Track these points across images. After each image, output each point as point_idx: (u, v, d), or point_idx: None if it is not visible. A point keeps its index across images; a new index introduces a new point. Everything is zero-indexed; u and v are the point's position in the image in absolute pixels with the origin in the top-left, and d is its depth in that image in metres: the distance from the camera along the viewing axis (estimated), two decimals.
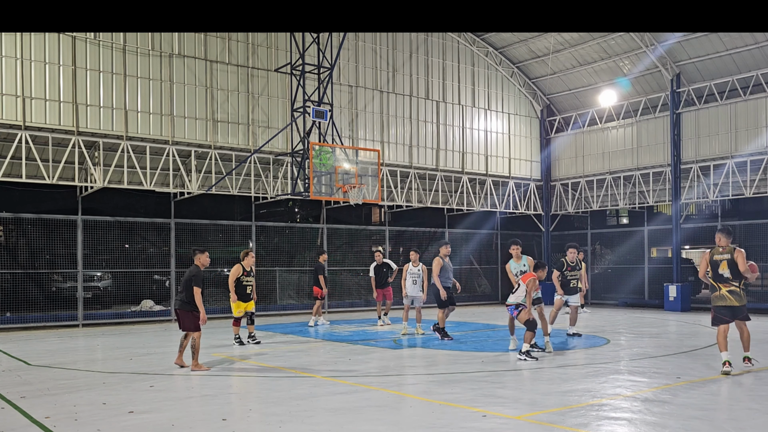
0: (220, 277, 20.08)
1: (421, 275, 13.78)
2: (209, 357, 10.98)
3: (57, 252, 17.27)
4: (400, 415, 6.64)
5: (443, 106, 22.78)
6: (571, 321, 13.09)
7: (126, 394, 7.82)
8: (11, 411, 6.93)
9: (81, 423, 6.38)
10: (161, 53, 17.28)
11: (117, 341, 13.49)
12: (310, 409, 6.89)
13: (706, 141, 20.87)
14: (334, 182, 17.82)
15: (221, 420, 6.46)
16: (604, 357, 10.67)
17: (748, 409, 6.84)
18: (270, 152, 18.84)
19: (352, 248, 22.80)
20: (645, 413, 6.63)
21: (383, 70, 21.47)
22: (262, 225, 20.34)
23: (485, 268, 25.68)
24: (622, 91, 22.94)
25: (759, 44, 19.08)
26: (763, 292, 20.99)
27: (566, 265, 12.90)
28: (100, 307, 18.31)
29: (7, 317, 16.29)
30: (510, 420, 6.37)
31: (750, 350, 9.37)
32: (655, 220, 24.34)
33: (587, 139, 24.22)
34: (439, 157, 22.49)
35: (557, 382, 8.42)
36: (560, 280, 12.86)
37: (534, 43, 22.99)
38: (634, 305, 22.82)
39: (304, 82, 18.54)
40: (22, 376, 9.12)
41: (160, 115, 17.20)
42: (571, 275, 12.87)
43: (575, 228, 26.65)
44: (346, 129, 20.37)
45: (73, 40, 16.04)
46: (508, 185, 24.23)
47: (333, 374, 9.12)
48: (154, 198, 19.48)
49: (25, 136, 15.33)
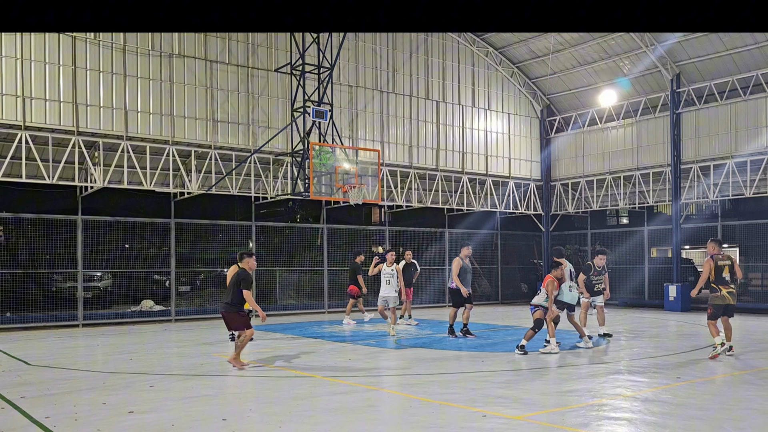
0: (220, 277, 20.09)
1: (395, 275, 13.98)
2: (209, 357, 10.99)
3: (57, 252, 17.27)
4: (400, 415, 6.64)
5: (443, 106, 22.78)
6: (600, 321, 13.27)
7: (126, 394, 7.82)
8: (11, 411, 6.93)
9: (81, 423, 6.38)
10: (161, 53, 17.29)
11: (117, 341, 13.49)
12: (310, 409, 6.90)
13: (706, 141, 20.87)
14: (334, 182, 17.82)
15: (221, 420, 6.46)
16: (604, 357, 10.67)
17: (748, 409, 6.84)
18: (270, 152, 18.84)
19: (352, 248, 22.78)
20: (645, 413, 6.63)
21: (383, 70, 21.47)
22: (262, 225, 20.34)
23: (485, 268, 25.68)
24: (622, 91, 22.94)
25: (759, 44, 19.08)
26: (763, 292, 20.99)
27: (593, 269, 13.21)
28: (100, 307, 18.30)
29: (7, 317, 16.28)
30: (510, 420, 6.37)
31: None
32: (655, 220, 24.34)
33: (587, 139, 24.22)
34: (439, 157, 22.49)
35: (557, 382, 8.42)
36: (585, 284, 13.14)
37: (534, 43, 22.99)
38: (634, 305, 22.82)
39: (304, 82, 18.54)
40: (22, 376, 9.12)
41: (160, 115, 17.20)
42: (597, 279, 13.20)
43: (575, 228, 26.65)
44: (346, 129, 20.37)
45: (73, 40, 16.04)
46: (508, 185, 24.23)
47: (333, 374, 9.12)
48: (154, 198, 19.46)
49: (25, 136, 15.33)
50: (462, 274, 13.06)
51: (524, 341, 10.85)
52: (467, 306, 13.22)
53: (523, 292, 26.61)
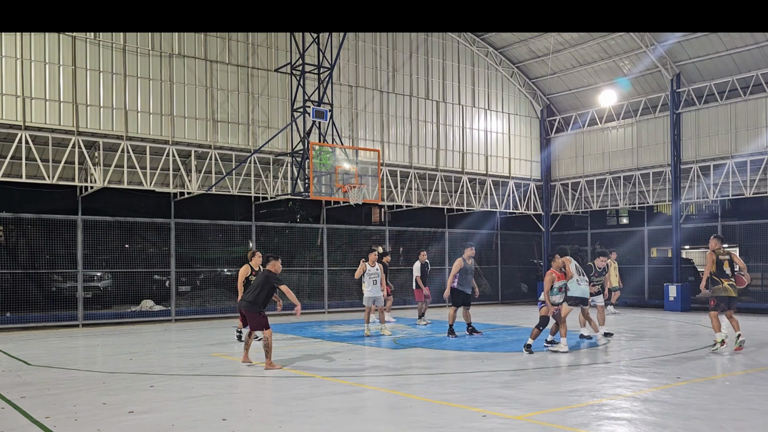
0: (220, 277, 20.09)
1: (380, 274, 14.03)
2: (209, 357, 10.99)
3: (57, 252, 17.26)
4: (399, 415, 6.64)
5: (443, 106, 22.78)
6: (600, 321, 13.29)
7: (126, 394, 7.82)
8: (11, 411, 6.93)
9: (81, 423, 6.38)
10: (161, 53, 17.28)
11: (117, 341, 13.49)
12: (310, 409, 6.89)
13: (706, 141, 20.87)
14: (334, 182, 17.82)
15: (221, 420, 6.46)
16: (604, 357, 10.67)
17: (748, 409, 6.84)
18: (270, 152, 18.84)
19: (352, 248, 22.78)
20: (645, 413, 6.63)
21: (383, 70, 21.47)
22: (262, 225, 20.34)
23: (485, 268, 25.67)
24: (622, 91, 22.94)
25: (759, 44, 19.08)
26: (763, 292, 20.99)
27: (594, 270, 13.34)
28: (100, 307, 18.30)
29: (7, 317, 16.28)
30: (510, 420, 6.37)
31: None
32: (655, 220, 24.34)
33: (587, 139, 24.22)
34: (439, 157, 22.48)
35: (557, 382, 8.42)
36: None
37: (534, 43, 22.99)
38: (634, 305, 22.82)
39: (304, 82, 18.54)
40: (22, 376, 9.12)
41: (160, 115, 17.20)
42: (597, 280, 13.32)
43: (575, 228, 26.65)
44: (346, 129, 20.37)
45: (73, 40, 16.04)
46: (508, 185, 24.23)
47: (333, 374, 9.12)
48: (154, 198, 19.47)
49: (25, 136, 15.33)
50: (463, 274, 13.16)
51: (530, 340, 10.92)
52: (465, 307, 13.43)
53: (523, 292, 26.62)
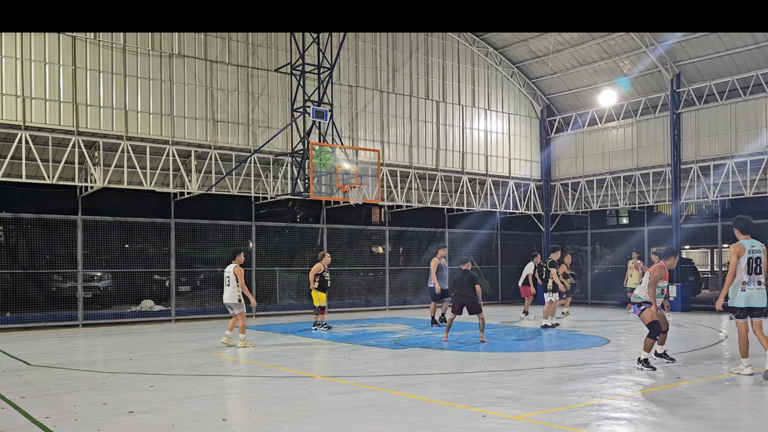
0: (220, 277, 20.02)
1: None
2: (209, 357, 10.99)
3: (57, 252, 17.26)
4: (399, 415, 6.64)
5: (443, 106, 22.78)
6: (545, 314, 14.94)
7: (126, 394, 7.82)
8: (11, 411, 6.93)
9: (81, 423, 6.38)
10: (161, 53, 17.28)
11: (117, 341, 13.49)
12: (310, 409, 6.90)
13: (706, 141, 20.86)
14: (334, 182, 17.82)
15: (221, 420, 6.46)
16: (604, 357, 10.67)
17: (748, 409, 6.84)
18: (270, 152, 18.84)
19: (352, 248, 22.79)
20: (645, 413, 6.63)
21: (383, 70, 21.47)
22: (262, 225, 20.34)
23: (485, 268, 25.66)
24: (622, 91, 22.93)
25: (759, 44, 19.08)
26: None
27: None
28: (100, 307, 18.31)
29: (7, 317, 16.28)
30: (510, 420, 6.37)
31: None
32: (655, 220, 24.32)
33: (587, 139, 24.21)
34: (439, 157, 22.48)
35: (557, 382, 8.42)
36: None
37: (534, 43, 22.98)
38: None
39: (304, 82, 18.53)
40: (22, 376, 9.12)
41: (160, 115, 17.20)
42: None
43: (575, 228, 26.64)
44: (346, 129, 20.37)
45: (73, 40, 16.04)
46: (508, 185, 24.22)
47: (333, 374, 9.12)
48: (154, 198, 19.46)
49: (25, 136, 15.33)
50: (438, 271, 15.29)
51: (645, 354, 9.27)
52: (444, 300, 15.29)
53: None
